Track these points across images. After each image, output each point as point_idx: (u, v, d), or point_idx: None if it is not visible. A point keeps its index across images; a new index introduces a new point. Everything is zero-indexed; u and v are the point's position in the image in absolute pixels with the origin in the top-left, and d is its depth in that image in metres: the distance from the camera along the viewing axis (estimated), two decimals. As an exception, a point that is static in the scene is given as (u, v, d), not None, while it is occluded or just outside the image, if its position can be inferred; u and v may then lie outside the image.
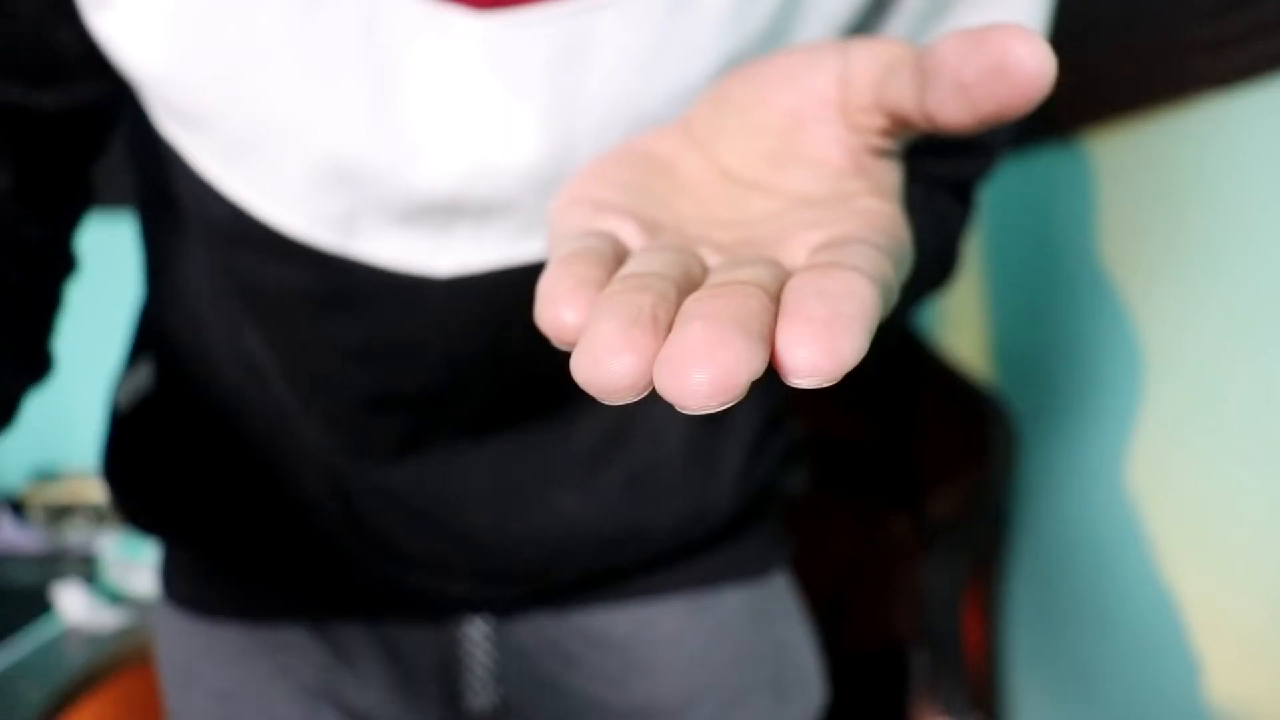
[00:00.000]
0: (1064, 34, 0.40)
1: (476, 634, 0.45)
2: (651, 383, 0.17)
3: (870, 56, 0.23)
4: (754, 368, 0.16)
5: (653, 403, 0.42)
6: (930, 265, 0.40)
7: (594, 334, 0.17)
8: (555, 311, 0.19)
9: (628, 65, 0.32)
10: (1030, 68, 0.18)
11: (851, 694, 0.80)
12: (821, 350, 0.16)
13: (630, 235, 0.23)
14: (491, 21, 0.31)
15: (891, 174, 0.24)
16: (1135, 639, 0.73)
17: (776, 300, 0.18)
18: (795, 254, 0.21)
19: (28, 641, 1.04)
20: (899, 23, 0.36)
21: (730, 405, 0.16)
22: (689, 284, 0.20)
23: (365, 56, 0.31)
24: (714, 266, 0.21)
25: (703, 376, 0.15)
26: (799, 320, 0.16)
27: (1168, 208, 0.69)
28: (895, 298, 0.20)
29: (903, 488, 0.95)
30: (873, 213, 0.22)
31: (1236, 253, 0.63)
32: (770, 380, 0.48)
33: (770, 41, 0.33)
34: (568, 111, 0.32)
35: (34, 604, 1.12)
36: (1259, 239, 0.61)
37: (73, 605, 1.08)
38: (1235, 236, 0.63)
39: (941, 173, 0.40)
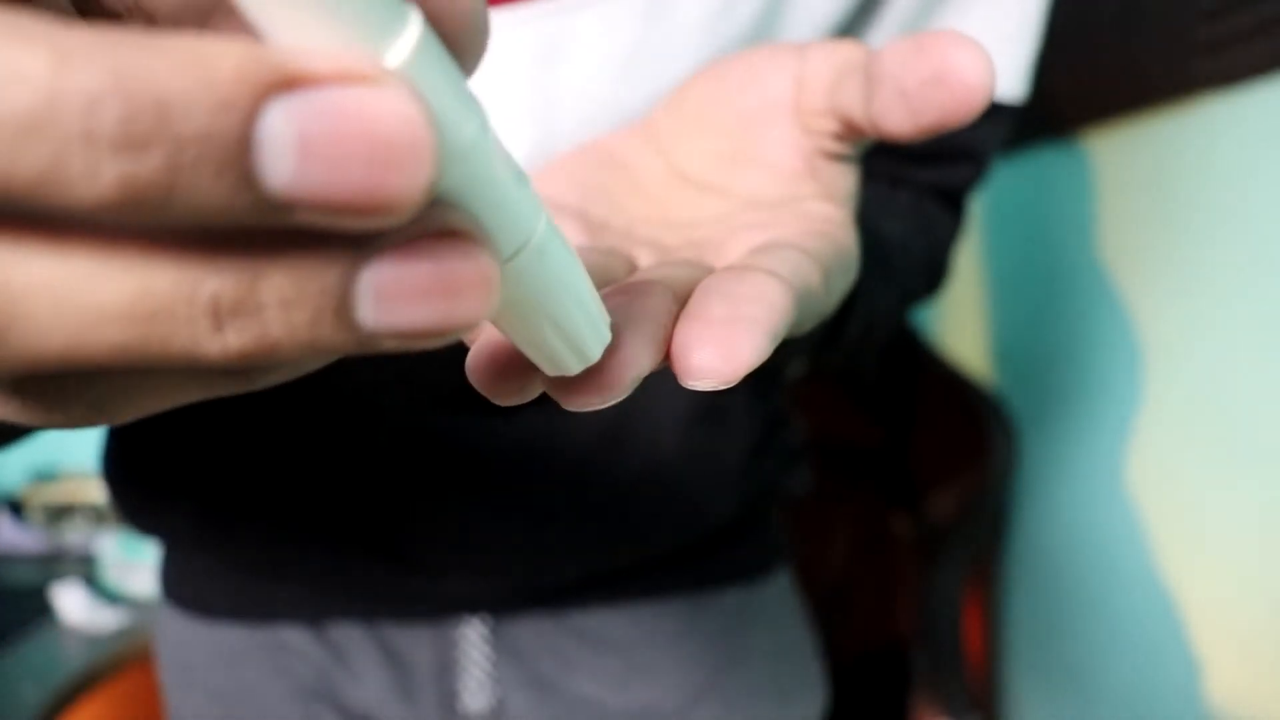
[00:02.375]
0: (1065, 34, 0.40)
1: (474, 634, 0.45)
2: (538, 385, 0.16)
3: (825, 59, 0.23)
4: (641, 366, 0.16)
5: (652, 403, 0.42)
6: (918, 273, 0.40)
7: (488, 335, 0.17)
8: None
9: (607, 67, 0.32)
10: (970, 77, 0.18)
11: (852, 694, 0.80)
12: (718, 352, 0.16)
13: (572, 236, 0.23)
14: None
15: (844, 178, 0.24)
16: (1135, 639, 0.73)
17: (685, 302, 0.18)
18: (733, 257, 0.21)
19: (27, 641, 1.04)
20: (885, 28, 0.36)
21: (615, 402, 0.16)
22: (606, 286, 0.19)
23: None
24: (644, 269, 0.21)
25: (595, 386, 0.15)
26: (699, 321, 0.16)
27: (1168, 208, 0.69)
28: (827, 303, 0.20)
29: (903, 488, 0.95)
30: (818, 217, 0.22)
31: (1237, 253, 0.63)
32: (770, 381, 0.48)
33: (752, 45, 0.33)
34: (547, 111, 0.32)
35: (33, 604, 1.12)
36: (1260, 239, 0.61)
37: (72, 605, 1.08)
38: (1236, 236, 0.63)
39: (930, 180, 0.40)
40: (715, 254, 0.21)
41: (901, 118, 0.20)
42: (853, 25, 0.36)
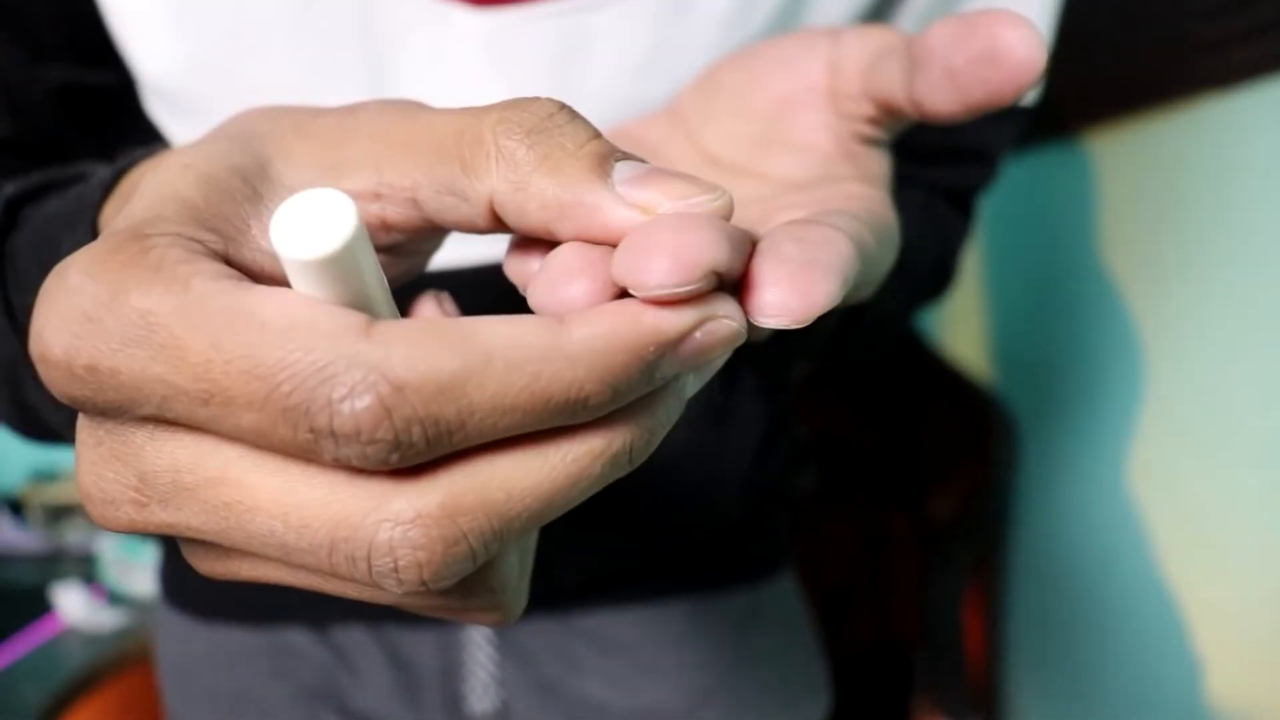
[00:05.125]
0: (1065, 34, 0.40)
1: (478, 636, 0.45)
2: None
3: (861, 43, 0.23)
4: (719, 256, 0.15)
5: None
6: (926, 273, 0.40)
7: (552, 260, 0.16)
8: (522, 259, 0.19)
9: (625, 65, 0.32)
10: (1020, 54, 0.18)
11: (852, 694, 0.80)
12: (792, 290, 0.16)
13: None
14: (489, 18, 0.31)
15: (880, 162, 0.24)
16: (1135, 639, 0.73)
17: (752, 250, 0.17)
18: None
19: (27, 641, 1.04)
20: (903, 25, 0.36)
21: (690, 291, 0.15)
22: None
23: (361, 48, 0.31)
24: None
25: (664, 255, 0.15)
26: (772, 260, 0.16)
27: (1168, 208, 0.69)
28: (877, 272, 0.20)
29: (903, 488, 0.95)
30: (858, 196, 0.22)
31: (1237, 253, 0.63)
32: (775, 381, 0.48)
33: None
34: None
35: (34, 604, 1.12)
36: (1259, 239, 0.61)
37: (72, 605, 1.08)
38: (1236, 236, 0.63)
39: (941, 181, 0.40)
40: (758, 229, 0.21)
41: (948, 97, 0.19)
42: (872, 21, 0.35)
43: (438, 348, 0.13)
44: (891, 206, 0.22)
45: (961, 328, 1.04)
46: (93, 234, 0.22)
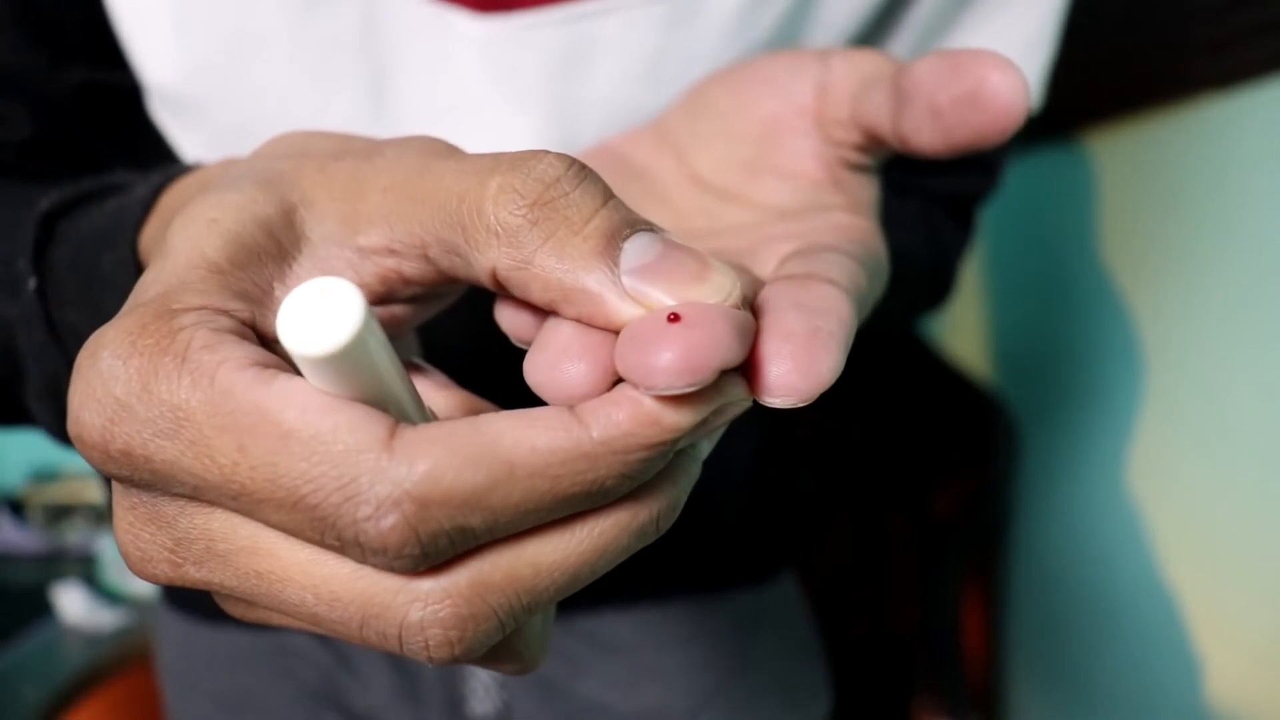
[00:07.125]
0: (1065, 34, 0.40)
1: None
2: (606, 388, 0.16)
3: (849, 67, 0.22)
4: (729, 355, 0.14)
5: None
6: (923, 284, 0.39)
7: (550, 335, 0.16)
8: (515, 311, 0.18)
9: (629, 73, 0.32)
10: (1005, 98, 0.18)
11: (852, 695, 0.80)
12: (798, 369, 0.15)
13: None
14: (492, 25, 0.31)
15: (868, 189, 0.24)
16: (1135, 639, 0.73)
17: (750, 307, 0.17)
18: (767, 264, 0.20)
19: (28, 641, 1.04)
20: (905, 37, 0.36)
21: (698, 389, 0.14)
22: None
23: (363, 54, 0.31)
24: None
25: (672, 354, 0.14)
26: (775, 335, 0.16)
27: (1168, 208, 0.69)
28: (868, 312, 0.20)
29: (904, 488, 0.95)
30: (848, 227, 0.21)
31: (1237, 253, 0.63)
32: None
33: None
34: (567, 118, 0.32)
35: (34, 604, 1.12)
36: (1259, 239, 0.61)
37: (72, 605, 1.08)
38: (1236, 237, 0.63)
39: (941, 190, 0.40)
40: (748, 261, 0.21)
41: (932, 136, 0.19)
42: (874, 33, 0.35)
43: (462, 464, 0.14)
44: (880, 236, 0.22)
45: (961, 328, 1.04)
46: (134, 254, 0.22)
